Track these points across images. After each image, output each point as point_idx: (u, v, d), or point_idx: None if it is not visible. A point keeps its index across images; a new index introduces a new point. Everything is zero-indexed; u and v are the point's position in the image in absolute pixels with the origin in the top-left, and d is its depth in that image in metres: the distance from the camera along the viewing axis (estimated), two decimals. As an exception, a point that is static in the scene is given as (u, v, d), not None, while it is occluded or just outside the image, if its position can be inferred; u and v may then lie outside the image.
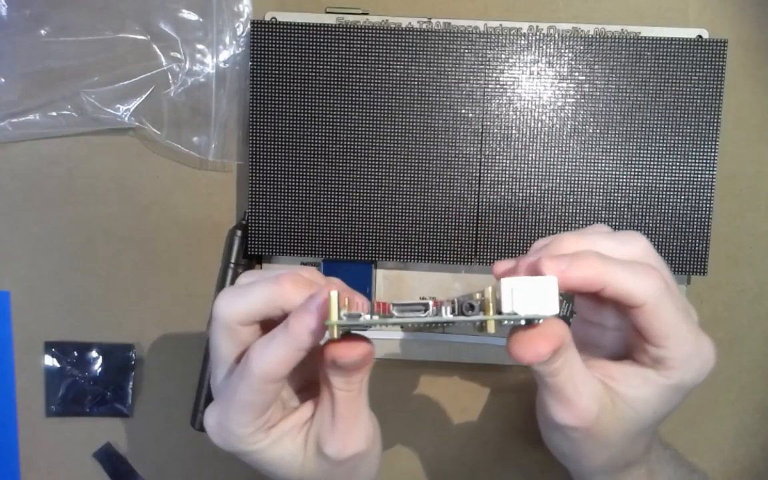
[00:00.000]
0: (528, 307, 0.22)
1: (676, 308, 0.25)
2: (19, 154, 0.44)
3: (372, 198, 0.41)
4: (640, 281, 0.24)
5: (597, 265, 0.24)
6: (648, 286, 0.24)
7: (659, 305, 0.25)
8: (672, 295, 0.25)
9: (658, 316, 0.25)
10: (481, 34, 0.40)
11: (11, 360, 0.45)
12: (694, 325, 0.26)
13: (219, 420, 0.27)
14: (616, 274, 0.24)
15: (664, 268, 0.27)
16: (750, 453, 0.46)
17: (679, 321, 0.25)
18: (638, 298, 0.24)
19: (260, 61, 0.40)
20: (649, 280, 0.24)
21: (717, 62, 0.40)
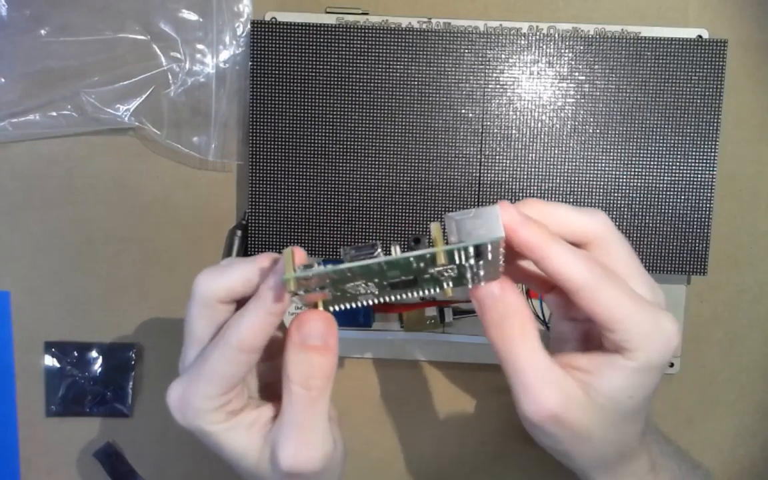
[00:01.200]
0: (473, 236, 0.23)
1: (619, 290, 0.25)
2: (19, 154, 0.44)
3: (372, 198, 0.41)
4: (579, 265, 0.25)
5: (541, 236, 0.25)
6: (583, 269, 0.25)
7: (596, 289, 0.25)
8: (611, 277, 0.25)
9: (596, 300, 0.25)
10: (481, 34, 0.40)
11: (11, 360, 0.45)
12: (646, 303, 0.25)
13: (183, 393, 0.27)
14: (554, 252, 0.25)
15: (622, 243, 0.27)
16: (750, 453, 0.46)
17: (624, 302, 0.25)
18: (575, 280, 0.25)
19: (260, 61, 0.40)
20: (586, 265, 0.25)
21: (717, 62, 0.40)
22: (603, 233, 0.26)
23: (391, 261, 0.23)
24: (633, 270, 0.27)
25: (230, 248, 0.43)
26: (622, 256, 0.27)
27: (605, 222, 0.27)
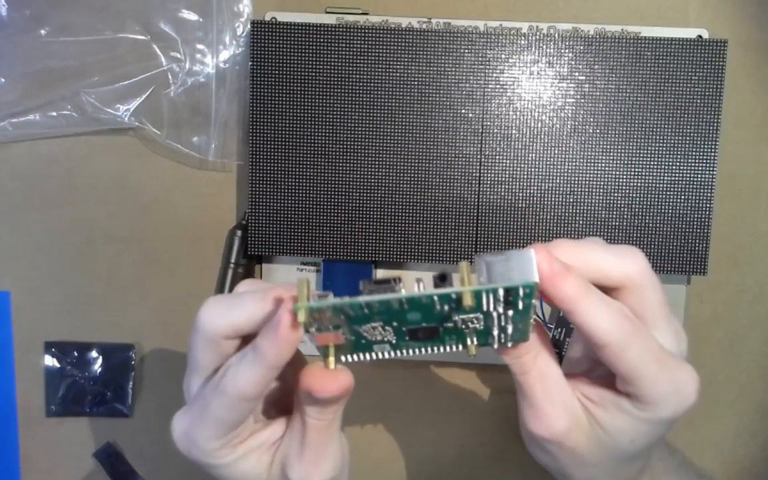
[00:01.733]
0: (505, 278, 0.22)
1: (645, 348, 0.24)
2: (19, 154, 0.44)
3: (372, 198, 0.41)
4: (605, 320, 0.24)
5: (578, 289, 0.23)
6: (612, 326, 0.24)
7: (623, 347, 0.24)
8: (639, 333, 0.24)
9: (620, 359, 0.24)
10: (481, 34, 0.40)
11: (11, 360, 0.45)
12: (670, 361, 0.24)
13: (187, 430, 0.26)
14: (586, 307, 0.23)
15: (656, 289, 0.25)
16: (750, 453, 0.46)
17: (648, 362, 0.24)
18: (601, 338, 0.24)
19: (260, 61, 0.40)
20: (615, 321, 0.24)
21: (717, 62, 0.40)
22: (639, 279, 0.25)
23: (412, 298, 0.21)
24: (662, 318, 0.25)
25: (230, 248, 0.43)
26: (653, 303, 0.25)
27: (642, 266, 0.25)
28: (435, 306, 0.22)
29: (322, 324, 0.23)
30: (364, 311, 0.22)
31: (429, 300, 0.21)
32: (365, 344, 0.24)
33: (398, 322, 0.23)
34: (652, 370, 0.24)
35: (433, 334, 0.23)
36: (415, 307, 0.22)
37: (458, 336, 0.23)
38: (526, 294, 0.22)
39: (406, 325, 0.23)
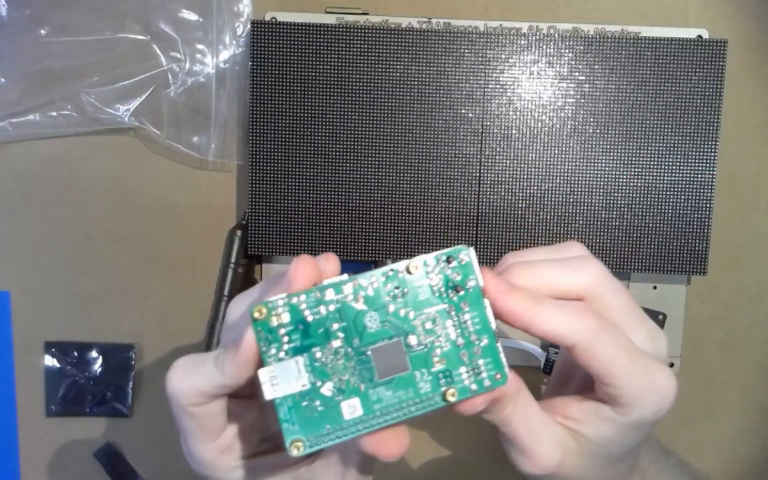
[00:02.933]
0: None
1: (615, 344, 0.24)
2: (19, 154, 0.44)
3: (372, 198, 0.41)
4: (568, 323, 0.24)
5: (524, 304, 0.24)
6: (577, 328, 0.24)
7: (592, 345, 0.24)
8: (607, 330, 0.24)
9: (592, 356, 0.24)
10: (481, 34, 0.40)
11: (11, 360, 0.45)
12: (644, 359, 0.24)
13: (187, 451, 0.26)
14: (539, 317, 0.24)
15: (616, 293, 0.25)
16: (750, 453, 0.46)
17: (620, 359, 0.24)
18: (568, 339, 0.24)
19: (260, 61, 0.40)
20: (578, 322, 0.24)
21: (717, 62, 0.40)
22: (594, 287, 0.25)
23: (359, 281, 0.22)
24: (631, 320, 0.25)
25: (230, 248, 0.43)
26: (616, 307, 0.25)
27: (597, 274, 0.25)
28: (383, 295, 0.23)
29: (279, 344, 0.22)
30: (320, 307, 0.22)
31: (379, 284, 0.23)
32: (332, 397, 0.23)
33: (359, 338, 0.23)
34: (626, 366, 0.24)
35: (402, 366, 0.23)
36: (370, 302, 0.22)
37: (427, 365, 0.23)
38: (465, 264, 0.23)
39: (368, 341, 0.23)
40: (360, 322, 0.23)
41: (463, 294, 0.23)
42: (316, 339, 0.22)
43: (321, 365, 0.22)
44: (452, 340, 0.23)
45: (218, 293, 0.43)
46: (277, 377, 0.22)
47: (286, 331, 0.22)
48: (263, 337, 0.22)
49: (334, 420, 0.22)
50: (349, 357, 0.23)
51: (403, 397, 0.23)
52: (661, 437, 0.45)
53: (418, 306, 0.23)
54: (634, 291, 0.43)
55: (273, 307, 0.22)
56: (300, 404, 0.22)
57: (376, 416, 0.23)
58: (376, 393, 0.23)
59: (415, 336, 0.23)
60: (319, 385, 0.22)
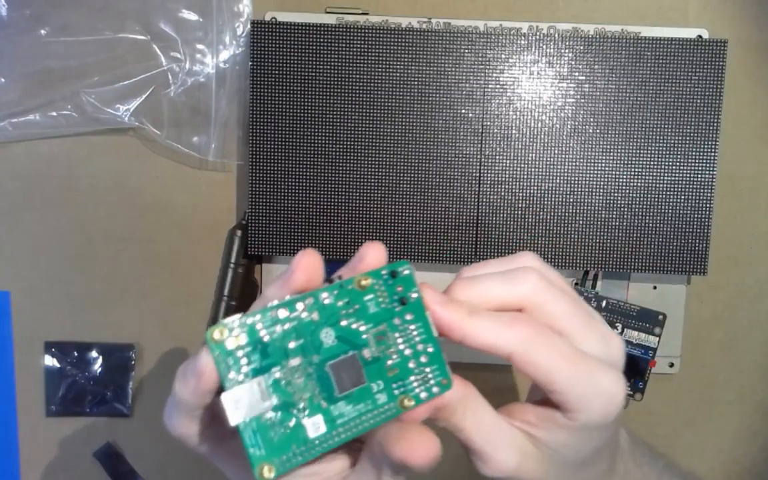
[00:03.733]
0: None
1: (554, 351, 0.24)
2: (19, 154, 0.44)
3: (372, 198, 0.41)
4: (501, 333, 0.24)
5: (458, 315, 0.24)
6: (509, 337, 0.24)
7: (528, 354, 0.24)
8: (544, 337, 0.24)
9: (530, 365, 0.24)
10: (481, 34, 0.40)
11: (11, 360, 0.45)
12: (586, 363, 0.24)
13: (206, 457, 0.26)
14: (471, 329, 0.24)
15: (557, 302, 0.25)
16: (750, 453, 0.46)
17: (560, 364, 0.24)
18: (502, 350, 0.24)
19: (260, 61, 0.40)
20: (510, 331, 0.24)
21: (717, 62, 0.40)
22: (533, 298, 0.25)
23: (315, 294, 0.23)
24: (577, 325, 0.25)
25: (230, 248, 0.43)
26: (561, 313, 0.25)
27: (535, 284, 0.25)
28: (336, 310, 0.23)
29: (239, 367, 0.22)
30: (276, 326, 0.22)
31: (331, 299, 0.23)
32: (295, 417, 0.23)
33: (318, 355, 0.23)
34: (567, 371, 0.24)
35: (359, 379, 0.23)
36: (324, 317, 0.23)
37: (382, 376, 0.24)
38: (407, 276, 0.24)
39: (326, 357, 0.23)
40: (316, 338, 0.23)
41: (407, 306, 0.24)
42: (275, 358, 0.22)
43: (282, 385, 0.23)
44: (401, 350, 0.24)
45: (218, 293, 0.43)
46: (240, 401, 0.22)
47: (244, 353, 0.22)
48: (222, 360, 0.22)
49: (299, 439, 0.22)
50: (308, 374, 0.23)
51: (363, 410, 0.23)
52: (661, 437, 0.45)
53: (369, 319, 0.24)
54: (634, 291, 0.43)
55: (230, 329, 0.22)
56: (264, 427, 0.22)
57: (339, 432, 0.23)
58: (338, 408, 0.23)
59: (368, 349, 0.24)
60: (281, 406, 0.22)
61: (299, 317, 0.23)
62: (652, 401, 0.44)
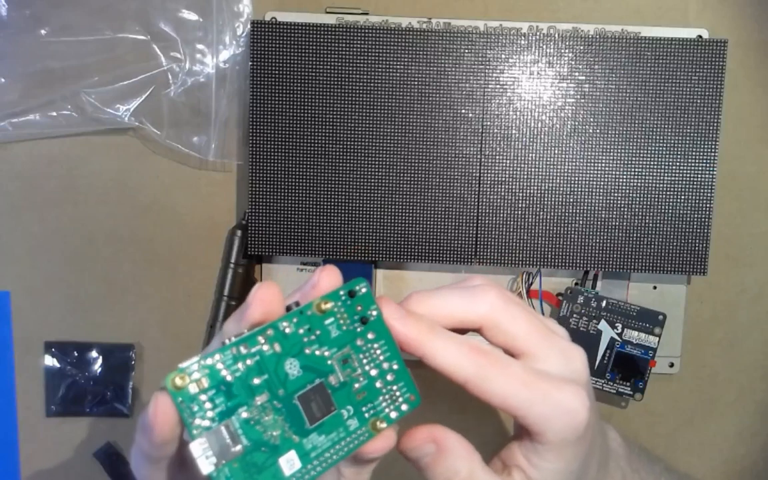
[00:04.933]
0: None
1: (508, 377, 0.24)
2: (19, 154, 0.44)
3: (372, 198, 0.41)
4: (458, 359, 0.24)
5: (419, 331, 0.24)
6: (465, 365, 0.24)
7: (483, 380, 0.24)
8: (498, 365, 0.24)
9: (486, 391, 0.24)
10: (481, 34, 0.40)
11: (11, 360, 0.45)
12: (544, 382, 0.24)
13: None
14: (433, 349, 0.24)
15: (515, 321, 0.25)
16: (750, 453, 0.46)
17: (516, 389, 0.24)
18: (458, 376, 0.24)
19: (260, 61, 0.40)
20: (466, 359, 0.24)
21: (717, 62, 0.40)
22: (491, 316, 0.25)
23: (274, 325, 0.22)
24: (536, 343, 0.25)
25: (230, 248, 0.43)
26: (517, 332, 0.25)
27: (492, 304, 0.25)
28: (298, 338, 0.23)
29: (204, 412, 0.21)
30: (238, 363, 0.22)
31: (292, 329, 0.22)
32: (268, 456, 0.22)
33: (283, 387, 0.22)
34: (523, 395, 0.24)
35: (328, 407, 0.23)
36: (286, 348, 0.22)
37: (351, 401, 0.23)
38: (365, 295, 0.24)
39: (293, 389, 0.22)
40: (281, 370, 0.22)
41: (368, 325, 0.24)
42: (240, 398, 0.22)
43: (251, 424, 0.22)
44: (367, 372, 0.24)
45: (218, 293, 0.43)
46: (209, 448, 0.21)
47: (208, 397, 0.21)
48: (185, 407, 0.21)
49: (275, 478, 0.22)
50: (277, 409, 0.22)
51: (336, 439, 0.23)
52: (661, 437, 0.45)
53: (332, 344, 0.23)
54: (634, 291, 0.43)
55: (189, 373, 0.21)
56: (237, 471, 0.21)
57: (314, 465, 0.22)
58: (310, 441, 0.23)
59: (334, 375, 0.23)
60: (253, 447, 0.22)
61: (261, 351, 0.22)
62: (652, 401, 0.44)
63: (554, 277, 0.43)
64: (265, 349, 0.22)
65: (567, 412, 0.24)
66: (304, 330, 0.23)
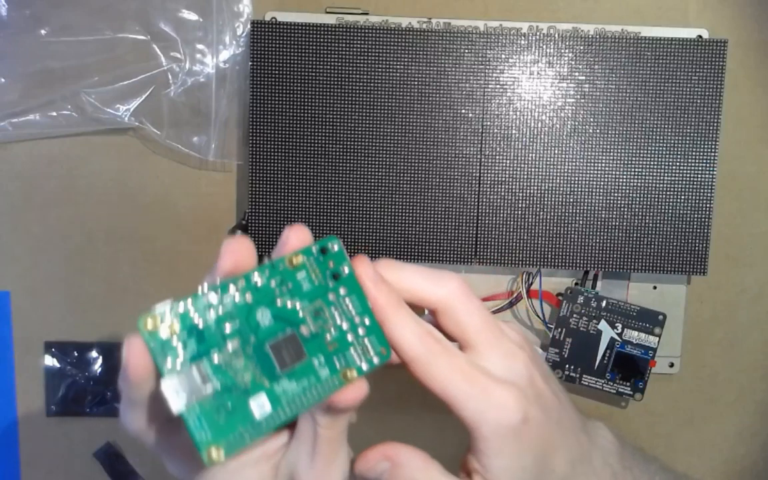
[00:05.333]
0: None
1: (451, 367, 0.25)
2: (19, 154, 0.44)
3: (372, 198, 0.41)
4: (409, 336, 0.25)
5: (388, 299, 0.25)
6: (417, 344, 0.25)
7: (427, 364, 0.25)
8: (445, 354, 0.25)
9: (428, 375, 0.25)
10: (481, 34, 0.40)
11: (11, 360, 0.45)
12: (484, 379, 0.25)
13: (164, 462, 0.26)
14: (393, 320, 0.25)
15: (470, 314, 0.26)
16: (750, 453, 0.46)
17: (456, 379, 0.25)
18: (405, 353, 0.25)
19: (260, 61, 0.40)
20: (418, 338, 0.25)
21: (717, 62, 0.40)
22: (449, 302, 0.26)
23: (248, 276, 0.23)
24: (483, 340, 0.26)
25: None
26: (469, 326, 0.26)
27: (453, 291, 0.26)
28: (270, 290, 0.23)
29: (175, 354, 0.22)
30: (210, 309, 0.22)
31: (264, 280, 0.23)
32: (238, 398, 0.22)
33: (255, 335, 0.23)
34: (462, 387, 0.25)
35: (299, 355, 0.24)
36: (258, 298, 0.23)
37: (323, 350, 0.24)
38: (337, 252, 0.25)
39: (264, 337, 0.23)
40: (252, 319, 0.23)
41: (340, 280, 0.25)
42: (211, 343, 0.22)
43: (222, 368, 0.22)
44: (338, 325, 0.24)
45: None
46: (180, 388, 0.22)
47: (179, 340, 0.22)
48: (158, 349, 0.21)
49: (245, 420, 0.22)
50: (248, 355, 0.23)
51: (306, 385, 0.23)
52: (661, 437, 0.45)
53: (304, 296, 0.24)
54: (634, 291, 0.43)
55: (162, 317, 0.22)
56: (208, 411, 0.22)
57: (285, 409, 0.23)
58: (281, 386, 0.23)
59: (306, 326, 0.24)
60: (223, 389, 0.22)
61: (233, 300, 0.23)
62: (652, 401, 0.44)
63: (554, 277, 0.43)
64: (237, 298, 0.23)
65: (498, 407, 0.25)
66: (276, 282, 0.24)
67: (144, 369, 0.22)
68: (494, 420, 0.25)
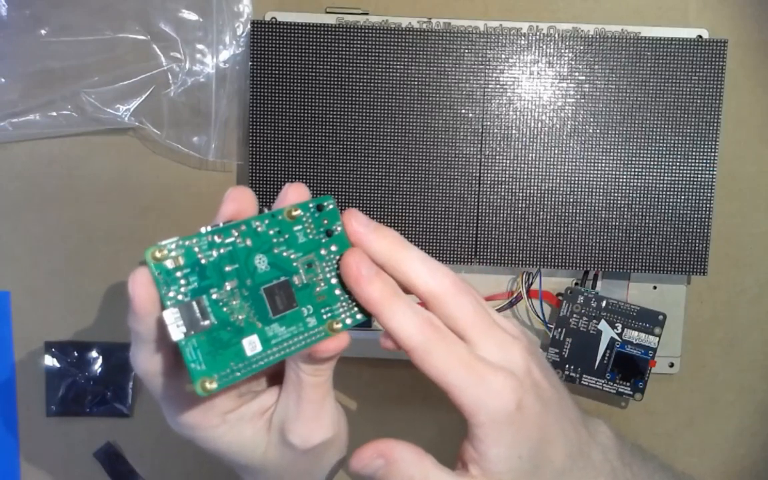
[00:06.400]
0: None
1: (450, 355, 0.25)
2: (19, 154, 0.44)
3: (372, 198, 0.41)
4: (411, 326, 0.25)
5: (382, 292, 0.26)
6: (415, 333, 0.25)
7: (426, 352, 0.25)
8: (444, 341, 0.25)
9: (427, 364, 0.25)
10: (481, 34, 0.40)
11: (11, 360, 0.45)
12: (481, 366, 0.26)
13: (167, 416, 0.27)
14: (390, 311, 0.25)
15: (461, 307, 0.26)
16: (750, 453, 0.46)
17: (455, 367, 0.25)
18: (406, 343, 0.25)
19: (260, 61, 0.40)
20: (417, 327, 0.25)
21: (717, 62, 0.40)
22: (441, 294, 0.26)
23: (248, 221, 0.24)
24: (477, 332, 0.27)
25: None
26: (461, 318, 0.26)
27: (445, 284, 0.26)
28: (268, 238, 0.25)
29: (178, 287, 0.23)
30: (212, 250, 0.24)
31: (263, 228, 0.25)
32: (232, 336, 0.24)
33: (252, 279, 0.24)
34: (461, 375, 0.25)
35: (290, 302, 0.25)
36: (257, 244, 0.24)
37: (312, 301, 0.25)
38: (331, 210, 0.26)
39: (260, 281, 0.24)
40: (251, 263, 0.25)
41: (332, 238, 0.26)
42: (212, 280, 0.24)
43: (220, 305, 0.24)
44: (328, 279, 0.26)
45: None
46: (180, 318, 0.23)
47: (183, 274, 0.23)
48: (162, 280, 0.23)
49: (237, 357, 0.24)
50: (244, 297, 0.24)
51: (295, 332, 0.25)
52: (662, 437, 0.46)
53: (298, 248, 0.26)
54: (634, 291, 0.43)
55: (168, 250, 0.23)
56: (204, 344, 0.23)
57: (274, 351, 0.24)
58: (272, 329, 0.25)
59: (298, 276, 0.25)
60: (219, 325, 0.24)
61: (234, 243, 0.24)
62: (652, 401, 0.44)
63: (554, 277, 0.43)
64: (238, 241, 0.25)
65: (495, 393, 0.25)
66: (274, 231, 0.25)
67: (148, 300, 0.23)
68: (491, 406, 0.25)
